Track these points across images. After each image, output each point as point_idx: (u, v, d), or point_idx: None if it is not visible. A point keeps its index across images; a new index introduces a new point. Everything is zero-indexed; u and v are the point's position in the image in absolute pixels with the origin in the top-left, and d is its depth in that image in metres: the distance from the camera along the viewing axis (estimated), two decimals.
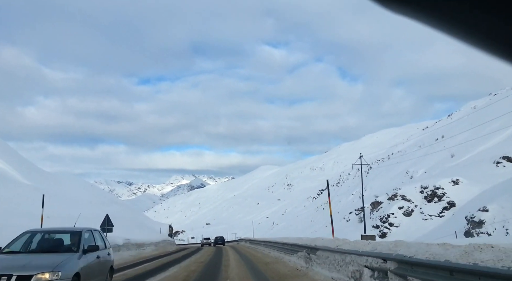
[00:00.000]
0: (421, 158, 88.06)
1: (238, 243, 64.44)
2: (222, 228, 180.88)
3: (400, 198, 52.74)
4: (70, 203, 42.59)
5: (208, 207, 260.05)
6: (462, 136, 78.70)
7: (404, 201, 51.77)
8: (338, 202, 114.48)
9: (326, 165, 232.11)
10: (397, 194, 54.00)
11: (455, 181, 48.45)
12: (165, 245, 40.97)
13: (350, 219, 69.60)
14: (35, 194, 35.60)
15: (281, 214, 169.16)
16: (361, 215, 61.20)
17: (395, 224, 49.53)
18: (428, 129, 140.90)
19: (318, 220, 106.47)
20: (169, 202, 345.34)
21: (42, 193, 24.71)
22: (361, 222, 57.79)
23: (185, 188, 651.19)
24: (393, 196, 54.62)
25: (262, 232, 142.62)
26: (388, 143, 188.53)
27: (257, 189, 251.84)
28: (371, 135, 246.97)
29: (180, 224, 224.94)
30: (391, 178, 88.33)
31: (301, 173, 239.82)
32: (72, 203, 42.25)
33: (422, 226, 47.04)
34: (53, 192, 41.98)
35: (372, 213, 58.37)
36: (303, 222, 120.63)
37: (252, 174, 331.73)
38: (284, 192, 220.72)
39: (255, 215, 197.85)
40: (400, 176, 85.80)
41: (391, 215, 50.52)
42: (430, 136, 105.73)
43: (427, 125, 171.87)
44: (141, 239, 31.69)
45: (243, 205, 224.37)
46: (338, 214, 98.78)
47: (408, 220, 49.81)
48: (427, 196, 49.53)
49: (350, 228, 56.56)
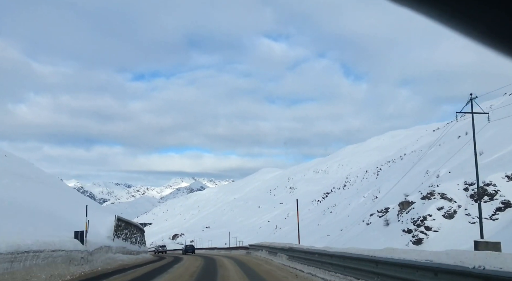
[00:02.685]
0: (442, 157, 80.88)
1: (248, 253, 40.44)
2: (222, 231, 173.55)
3: (438, 197, 45.21)
4: None
5: (208, 210, 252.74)
6: (489, 134, 71.68)
7: (444, 200, 44.32)
8: (348, 205, 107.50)
9: (330, 168, 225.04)
10: (435, 192, 46.38)
11: (510, 176, 41.03)
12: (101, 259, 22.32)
13: (371, 222, 62.00)
14: None
15: (284, 218, 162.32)
16: (387, 217, 53.46)
17: (433, 228, 42.02)
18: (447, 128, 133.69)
19: (326, 224, 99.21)
20: (168, 205, 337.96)
21: None
22: (387, 226, 50.34)
23: (184, 191, 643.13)
24: (429, 194, 47.06)
25: (264, 237, 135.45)
26: (396, 145, 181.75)
27: (258, 192, 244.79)
28: (377, 137, 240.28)
29: (179, 228, 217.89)
30: (410, 179, 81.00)
31: (304, 176, 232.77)
32: None
33: (469, 231, 39.55)
34: None
35: (400, 214, 50.70)
36: (308, 226, 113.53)
37: (253, 176, 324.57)
38: (286, 195, 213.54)
39: (257, 218, 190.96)
40: (419, 176, 78.48)
41: (427, 217, 43.00)
42: (450, 134, 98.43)
43: (438, 127, 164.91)
44: None
45: (244, 209, 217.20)
46: (349, 217, 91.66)
47: (450, 224, 42.34)
48: (473, 194, 42.00)
49: (373, 233, 49.17)
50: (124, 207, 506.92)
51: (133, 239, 35.77)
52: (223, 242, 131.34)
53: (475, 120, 26.16)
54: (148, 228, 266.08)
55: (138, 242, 38.69)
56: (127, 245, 31.48)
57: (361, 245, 37.03)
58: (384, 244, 39.06)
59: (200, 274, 17.76)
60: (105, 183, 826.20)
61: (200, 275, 17.34)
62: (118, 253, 26.89)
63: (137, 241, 37.66)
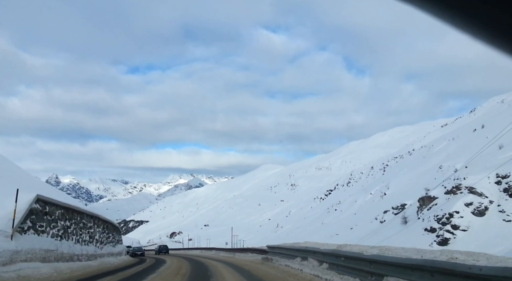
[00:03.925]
0: (456, 151, 74.88)
1: (266, 260, 22.73)
2: (221, 230, 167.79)
3: (466, 191, 39.35)
4: None
5: (207, 207, 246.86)
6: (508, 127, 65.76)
7: (473, 195, 38.57)
8: (354, 202, 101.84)
9: (333, 165, 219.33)
10: (461, 186, 40.46)
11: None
12: None
13: (386, 220, 55.88)
14: None
15: (285, 216, 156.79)
16: (404, 214, 47.34)
17: (461, 227, 36.31)
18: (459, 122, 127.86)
19: (331, 222, 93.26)
20: (166, 202, 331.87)
21: None
22: (405, 224, 44.31)
23: (182, 187, 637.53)
24: (454, 188, 41.17)
25: (265, 235, 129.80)
26: (402, 141, 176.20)
27: (258, 189, 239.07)
28: (382, 133, 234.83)
29: (177, 225, 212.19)
30: (421, 174, 75.09)
31: (305, 173, 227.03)
32: None
33: (503, 230, 33.68)
34: None
35: (420, 211, 44.78)
36: (312, 224, 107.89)
37: (253, 173, 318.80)
38: (287, 193, 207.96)
39: (257, 216, 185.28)
40: (432, 172, 72.54)
41: (454, 214, 37.21)
42: (463, 129, 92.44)
43: (446, 122, 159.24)
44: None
45: (244, 206, 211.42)
46: (355, 215, 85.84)
47: (481, 222, 36.76)
48: (508, 188, 36.21)
49: (390, 232, 43.19)
50: (121, 204, 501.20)
51: (89, 236, 23.07)
52: (222, 241, 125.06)
53: (490, 113, 21.16)
54: (145, 226, 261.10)
55: (103, 241, 26.10)
56: (63, 246, 18.27)
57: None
58: (406, 244, 33.00)
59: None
60: (102, 180, 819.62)
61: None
62: (32, 260, 14.37)
63: (99, 240, 25.22)
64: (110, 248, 28.09)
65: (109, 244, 28.45)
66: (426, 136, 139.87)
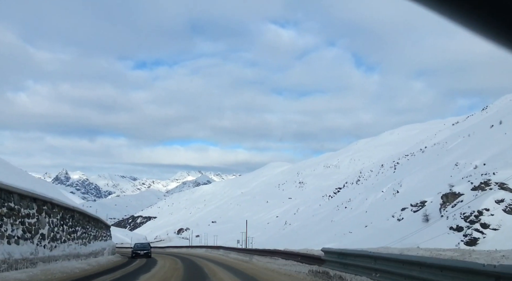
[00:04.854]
0: (473, 148, 73.22)
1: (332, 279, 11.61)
2: (229, 226, 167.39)
3: (496, 187, 37.79)
4: None
5: (214, 204, 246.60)
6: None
7: (504, 191, 36.98)
8: (364, 200, 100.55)
9: (341, 163, 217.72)
10: (490, 182, 38.90)
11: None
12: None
13: (404, 218, 54.37)
14: None
15: (293, 213, 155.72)
16: (426, 211, 45.62)
17: (491, 226, 34.66)
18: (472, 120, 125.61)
19: (341, 220, 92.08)
20: (173, 198, 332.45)
21: None
22: (426, 222, 42.91)
23: (190, 184, 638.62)
24: (482, 184, 39.57)
25: (273, 233, 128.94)
26: (411, 139, 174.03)
27: (266, 186, 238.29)
28: (391, 131, 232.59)
29: (185, 222, 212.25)
30: (436, 171, 73.55)
31: (314, 171, 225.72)
32: None
33: None
34: None
35: (444, 208, 43.15)
36: (321, 222, 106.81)
37: (261, 171, 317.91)
38: (295, 190, 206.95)
39: (265, 214, 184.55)
40: (448, 169, 70.96)
41: (484, 212, 35.58)
42: (478, 126, 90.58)
43: (457, 120, 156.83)
44: None
45: (251, 203, 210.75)
46: (367, 213, 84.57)
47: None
48: None
49: (409, 230, 41.75)
50: (130, 200, 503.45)
51: (23, 229, 14.08)
52: (230, 238, 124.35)
53: (505, 110, 19.90)
54: (153, 222, 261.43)
55: (59, 238, 17.60)
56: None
57: (404, 245, 29.26)
58: (430, 244, 31.61)
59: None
60: (111, 176, 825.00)
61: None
62: None
63: (50, 236, 16.36)
64: (77, 247, 20.27)
65: (77, 241, 20.52)
66: (437, 134, 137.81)
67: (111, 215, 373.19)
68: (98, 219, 27.42)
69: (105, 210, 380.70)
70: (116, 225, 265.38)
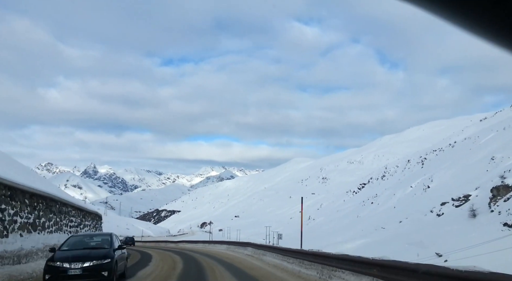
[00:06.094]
0: (508, 142, 71.47)
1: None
2: (252, 221, 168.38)
3: None
4: None
5: (238, 199, 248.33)
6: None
7: None
8: (392, 195, 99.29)
9: (365, 159, 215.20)
10: None
11: None
12: None
13: (445, 213, 52.77)
14: None
15: (317, 209, 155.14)
16: (472, 206, 43.03)
17: None
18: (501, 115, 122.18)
19: (368, 216, 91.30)
20: (197, 193, 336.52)
21: None
22: (473, 218, 41.34)
23: (214, 179, 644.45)
24: None
25: (296, 228, 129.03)
26: (438, 135, 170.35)
27: (289, 182, 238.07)
28: (417, 127, 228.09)
29: (208, 216, 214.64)
30: (470, 166, 72.09)
31: (337, 167, 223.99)
32: None
33: None
34: None
35: (494, 203, 41.21)
36: (346, 217, 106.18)
37: (284, 166, 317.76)
38: (318, 186, 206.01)
39: (287, 209, 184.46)
40: (482, 163, 69.30)
41: None
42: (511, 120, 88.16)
43: (485, 116, 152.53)
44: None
45: (275, 198, 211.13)
46: (395, 209, 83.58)
47: None
48: None
49: (454, 227, 40.29)
50: (155, 194, 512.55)
51: None
52: (253, 232, 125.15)
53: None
54: (177, 216, 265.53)
55: None
56: None
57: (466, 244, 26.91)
58: (481, 240, 30.48)
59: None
60: (137, 170, 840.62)
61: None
62: None
63: None
64: None
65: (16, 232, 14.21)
66: (465, 130, 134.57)
67: (137, 208, 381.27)
68: (79, 208, 24.33)
69: (130, 204, 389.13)
70: (141, 218, 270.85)
